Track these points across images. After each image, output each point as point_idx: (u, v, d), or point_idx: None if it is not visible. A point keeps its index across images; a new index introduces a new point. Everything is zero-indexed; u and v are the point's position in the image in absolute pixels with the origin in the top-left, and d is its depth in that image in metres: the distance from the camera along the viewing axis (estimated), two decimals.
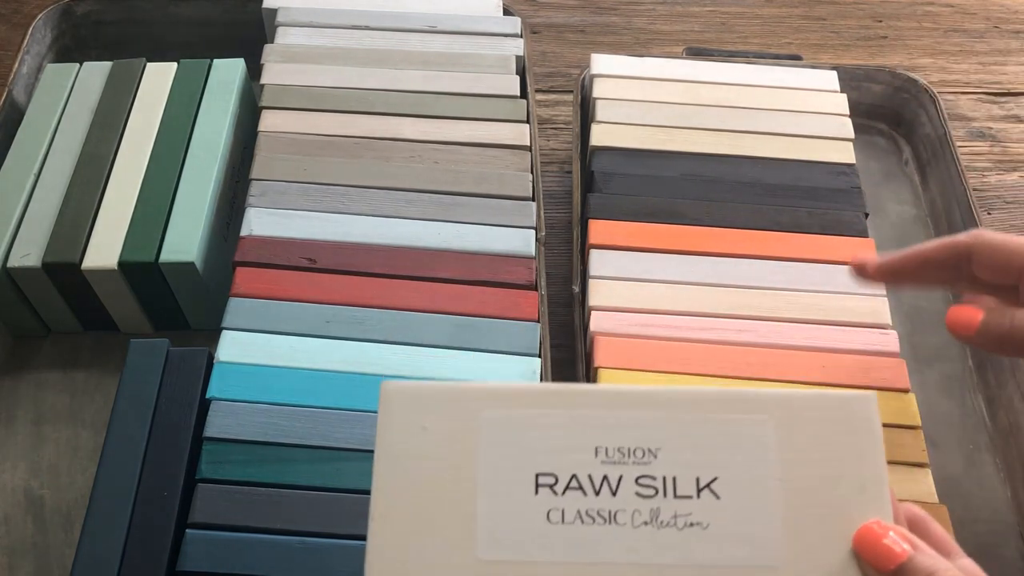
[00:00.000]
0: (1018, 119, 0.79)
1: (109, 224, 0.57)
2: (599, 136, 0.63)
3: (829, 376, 0.51)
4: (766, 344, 0.53)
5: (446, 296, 0.53)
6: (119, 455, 0.47)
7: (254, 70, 0.66)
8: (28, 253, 0.55)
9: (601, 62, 0.67)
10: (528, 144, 0.61)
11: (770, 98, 0.66)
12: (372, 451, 0.44)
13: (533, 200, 0.58)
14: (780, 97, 0.66)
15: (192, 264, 0.55)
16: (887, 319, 0.54)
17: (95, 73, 0.65)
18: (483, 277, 0.54)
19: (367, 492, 0.45)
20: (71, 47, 0.74)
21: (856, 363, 0.52)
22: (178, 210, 0.57)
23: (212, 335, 0.51)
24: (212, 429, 0.47)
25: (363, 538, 0.44)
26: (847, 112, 0.65)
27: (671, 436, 0.33)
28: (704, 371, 0.51)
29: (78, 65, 0.66)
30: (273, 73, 0.64)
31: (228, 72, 0.65)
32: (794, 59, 0.73)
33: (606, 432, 0.33)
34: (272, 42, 0.68)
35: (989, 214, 0.72)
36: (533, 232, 0.57)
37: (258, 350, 0.50)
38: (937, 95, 0.71)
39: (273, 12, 0.69)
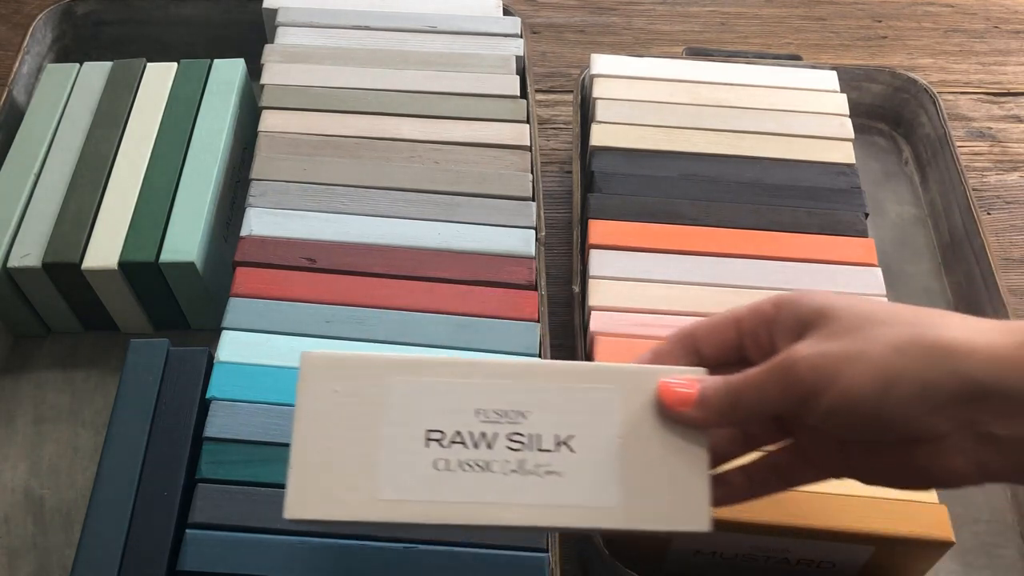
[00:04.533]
0: (1018, 119, 0.79)
1: (109, 224, 0.57)
2: (599, 136, 0.63)
3: None
4: None
5: (446, 296, 0.53)
6: (119, 455, 0.47)
7: (254, 70, 0.66)
8: (28, 253, 0.55)
9: (601, 62, 0.67)
10: (528, 144, 0.61)
11: (770, 98, 0.66)
12: None
13: (533, 200, 0.58)
14: (780, 97, 0.66)
15: (192, 264, 0.55)
16: None
17: (95, 73, 0.65)
18: (483, 277, 0.54)
19: None
20: (71, 47, 0.74)
21: None
22: (178, 210, 0.57)
23: (212, 335, 0.51)
24: (212, 429, 0.47)
25: (363, 538, 0.44)
26: (847, 112, 0.65)
27: (538, 401, 0.39)
28: None
29: (78, 65, 0.66)
30: (273, 73, 0.64)
31: (228, 72, 0.65)
32: (794, 59, 0.73)
33: (486, 397, 0.39)
34: (272, 42, 0.68)
35: (989, 214, 0.72)
36: (533, 232, 0.57)
37: (258, 350, 0.50)
38: (937, 95, 0.72)
39: (273, 12, 0.69)
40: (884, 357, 0.34)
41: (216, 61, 0.66)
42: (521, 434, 0.38)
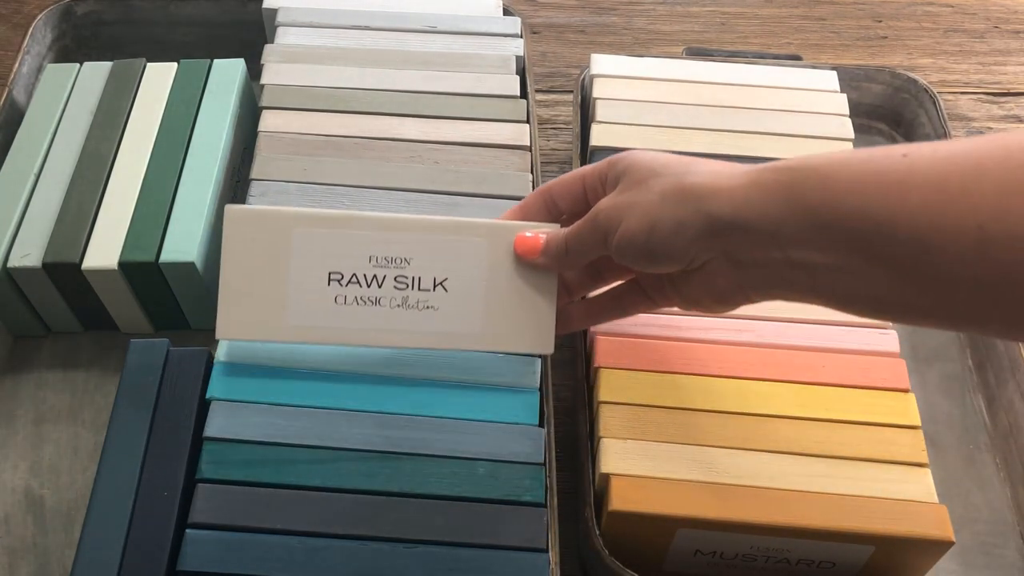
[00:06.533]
0: (1018, 119, 0.79)
1: (109, 224, 0.57)
2: (599, 136, 0.63)
3: (829, 376, 0.51)
4: (766, 344, 0.53)
5: None
6: (119, 455, 0.47)
7: (254, 70, 0.66)
8: (28, 253, 0.55)
9: (601, 62, 0.67)
10: (528, 144, 0.61)
11: (770, 98, 0.66)
12: (372, 451, 0.47)
13: None
14: (780, 97, 0.66)
15: (192, 264, 0.55)
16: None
17: (95, 73, 0.65)
18: None
19: (367, 492, 0.46)
20: (71, 47, 0.74)
21: (856, 363, 0.52)
22: (178, 210, 0.57)
23: (212, 335, 0.51)
24: (212, 429, 0.47)
25: (363, 539, 0.44)
26: (847, 112, 0.65)
27: (420, 250, 0.47)
28: (704, 371, 0.51)
29: (78, 65, 0.66)
30: (273, 73, 0.64)
31: (228, 72, 0.65)
32: (794, 59, 0.73)
33: (377, 246, 0.47)
34: (272, 42, 0.68)
35: None
36: None
37: (258, 350, 0.50)
38: (937, 95, 0.71)
39: (273, 12, 0.69)
40: (651, 203, 0.41)
41: (216, 61, 0.66)
42: (405, 276, 0.47)
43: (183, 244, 0.56)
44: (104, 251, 0.56)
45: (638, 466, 0.48)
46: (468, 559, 0.44)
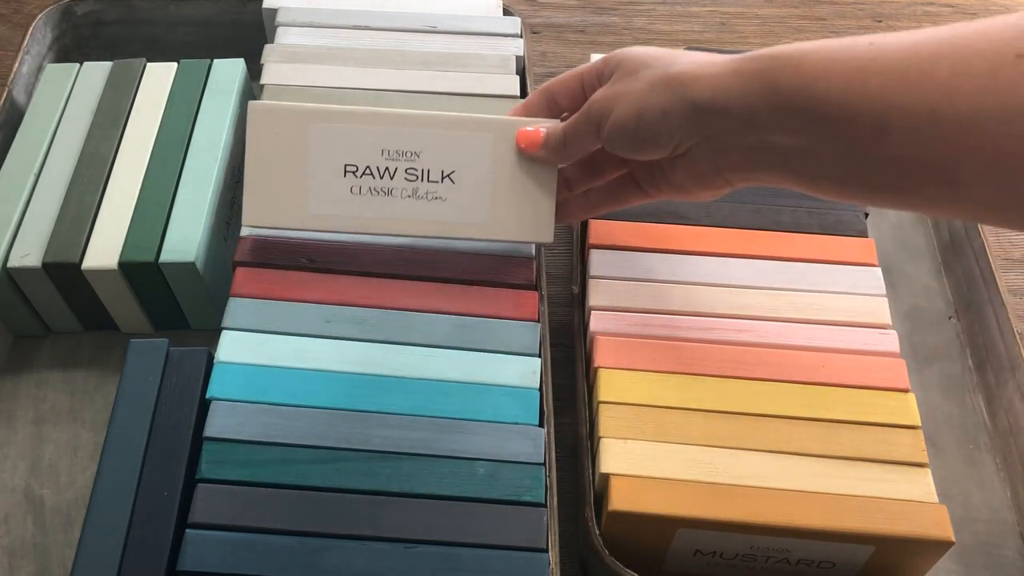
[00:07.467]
0: None
1: (109, 224, 0.57)
2: None
3: (829, 376, 0.51)
4: (766, 344, 0.53)
5: (446, 296, 0.53)
6: (119, 455, 0.47)
7: (254, 70, 0.66)
8: (28, 253, 0.55)
9: None
10: None
11: None
12: (372, 451, 0.47)
13: None
14: None
15: (192, 264, 0.55)
16: (887, 319, 0.54)
17: (95, 73, 0.65)
18: (483, 277, 0.54)
19: (367, 492, 0.46)
20: (71, 47, 0.74)
21: (856, 363, 0.52)
22: (178, 210, 0.57)
23: (212, 335, 0.51)
24: (212, 429, 0.47)
25: (364, 539, 0.44)
26: None
27: (429, 144, 0.51)
28: (704, 371, 0.51)
29: (78, 65, 0.66)
30: (273, 73, 0.64)
31: (228, 72, 0.65)
32: None
33: (389, 140, 0.50)
34: (272, 42, 0.68)
35: None
36: None
37: (258, 350, 0.50)
38: None
39: (273, 12, 0.69)
40: (640, 92, 0.44)
41: (216, 61, 0.66)
42: (415, 169, 0.51)
43: (183, 244, 0.56)
44: (104, 251, 0.56)
45: (638, 466, 0.48)
46: (468, 559, 0.44)
